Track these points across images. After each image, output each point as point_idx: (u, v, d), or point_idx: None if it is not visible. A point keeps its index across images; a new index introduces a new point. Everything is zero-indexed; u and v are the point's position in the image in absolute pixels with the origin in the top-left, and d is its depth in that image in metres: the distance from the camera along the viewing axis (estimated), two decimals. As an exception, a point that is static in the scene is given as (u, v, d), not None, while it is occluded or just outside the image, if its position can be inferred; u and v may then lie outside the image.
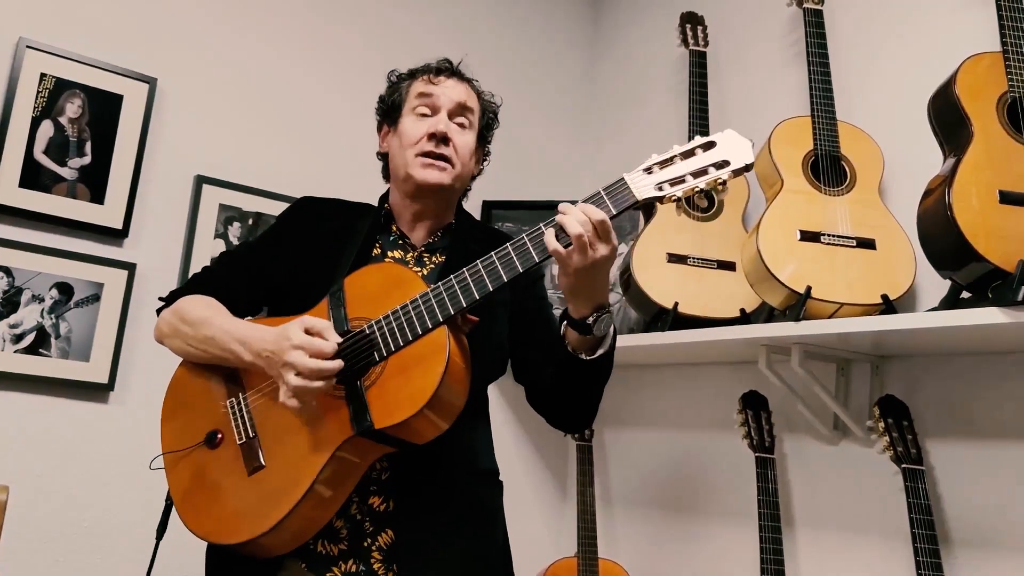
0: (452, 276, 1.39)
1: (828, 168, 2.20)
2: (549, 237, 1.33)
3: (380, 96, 1.72)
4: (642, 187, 1.33)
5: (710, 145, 1.34)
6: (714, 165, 1.32)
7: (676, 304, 2.38)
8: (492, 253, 1.38)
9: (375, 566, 1.46)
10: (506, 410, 2.99)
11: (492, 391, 1.69)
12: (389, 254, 1.62)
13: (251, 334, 1.47)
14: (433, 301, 1.38)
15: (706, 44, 2.73)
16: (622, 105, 3.29)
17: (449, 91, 1.63)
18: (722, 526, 2.56)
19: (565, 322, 1.44)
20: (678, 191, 1.32)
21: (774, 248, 2.09)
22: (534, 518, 3.07)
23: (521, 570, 2.82)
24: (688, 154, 1.34)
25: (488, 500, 1.61)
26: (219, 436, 1.51)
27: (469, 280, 1.38)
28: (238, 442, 1.48)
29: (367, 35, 2.98)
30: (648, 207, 2.54)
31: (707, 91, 2.64)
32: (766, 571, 2.11)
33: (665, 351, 2.55)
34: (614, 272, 2.85)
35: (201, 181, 2.60)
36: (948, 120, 1.92)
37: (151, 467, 1.55)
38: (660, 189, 1.32)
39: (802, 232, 2.10)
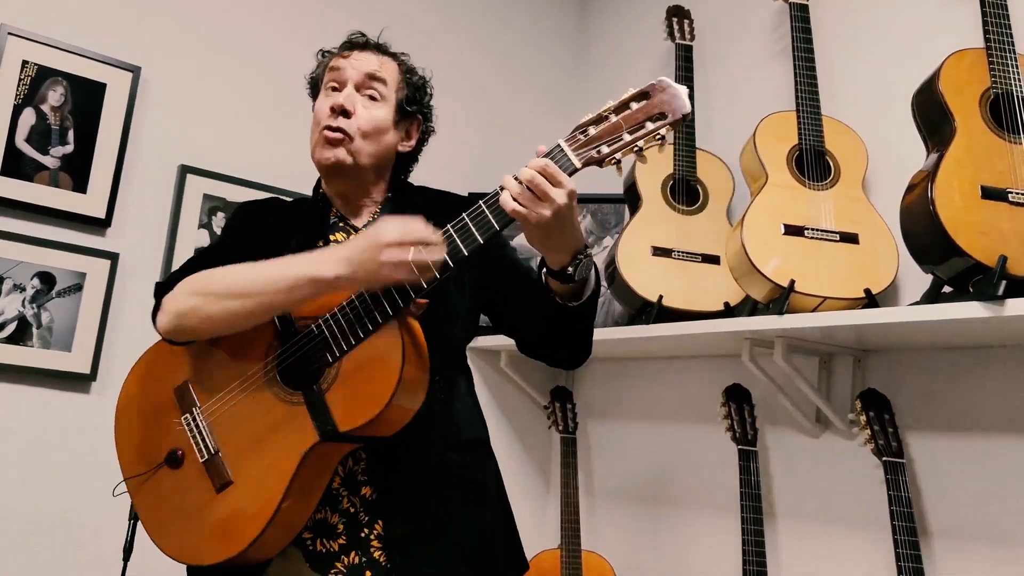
0: None
1: (812, 163, 2.21)
2: (505, 197, 1.27)
3: (308, 76, 1.68)
4: (580, 152, 1.29)
5: (643, 96, 1.27)
6: (650, 119, 1.25)
7: (661, 297, 2.38)
8: (449, 226, 1.31)
9: (375, 555, 1.45)
10: (491, 403, 2.99)
11: (479, 389, 1.66)
12: (332, 238, 1.57)
13: (319, 252, 1.38)
14: (380, 293, 1.34)
15: (692, 38, 2.73)
16: (608, 98, 3.28)
17: (357, 63, 1.58)
18: (705, 518, 2.57)
19: (544, 270, 1.39)
20: (617, 152, 1.27)
21: (758, 242, 2.10)
22: (517, 510, 3.03)
23: (504, 562, 2.83)
24: (622, 107, 1.28)
25: (476, 472, 1.57)
26: (180, 453, 1.47)
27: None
28: (201, 460, 1.45)
29: (352, 24, 2.95)
30: (632, 198, 2.54)
31: (693, 85, 2.64)
32: (748, 562, 2.12)
33: (649, 344, 2.56)
34: (600, 264, 2.86)
35: (185, 171, 2.58)
36: (931, 116, 1.93)
37: (114, 495, 1.53)
38: (598, 152, 1.28)
39: (786, 226, 2.11)
